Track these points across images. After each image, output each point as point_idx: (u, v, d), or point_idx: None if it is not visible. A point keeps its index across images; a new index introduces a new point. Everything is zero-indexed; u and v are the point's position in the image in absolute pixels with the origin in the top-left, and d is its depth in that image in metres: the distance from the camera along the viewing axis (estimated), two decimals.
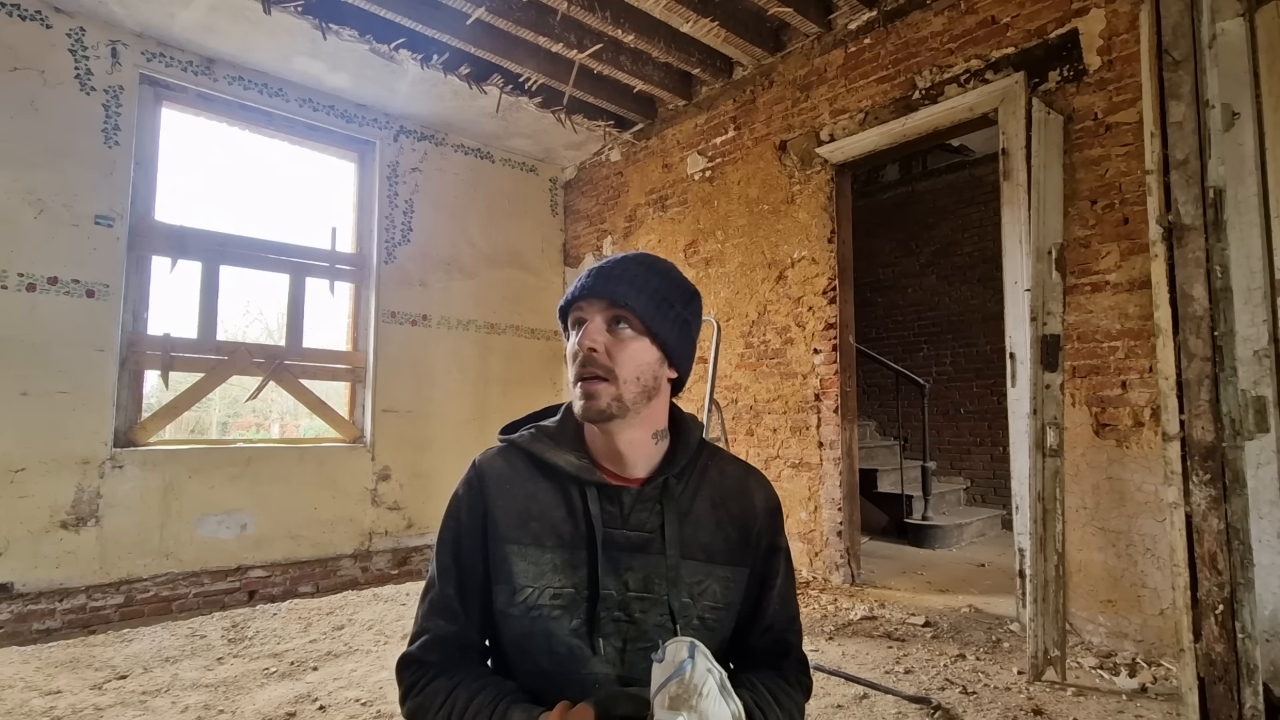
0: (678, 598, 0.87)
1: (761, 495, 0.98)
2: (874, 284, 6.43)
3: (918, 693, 2.24)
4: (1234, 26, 2.06)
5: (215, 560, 3.65)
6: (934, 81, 3.24)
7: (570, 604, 0.86)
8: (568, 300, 0.91)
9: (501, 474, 0.92)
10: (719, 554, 0.92)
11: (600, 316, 0.88)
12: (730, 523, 0.94)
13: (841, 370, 3.63)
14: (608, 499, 0.90)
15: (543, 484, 0.91)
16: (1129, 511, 2.58)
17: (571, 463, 0.90)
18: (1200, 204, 1.91)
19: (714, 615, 0.90)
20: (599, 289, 0.87)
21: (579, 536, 0.88)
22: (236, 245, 3.98)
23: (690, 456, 0.95)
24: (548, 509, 0.90)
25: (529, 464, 0.93)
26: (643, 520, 0.90)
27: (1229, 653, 1.76)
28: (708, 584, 0.90)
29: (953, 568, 4.04)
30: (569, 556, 0.87)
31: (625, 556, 0.88)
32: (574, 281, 0.92)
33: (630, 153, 4.98)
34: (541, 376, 5.26)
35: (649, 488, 0.91)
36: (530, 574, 0.86)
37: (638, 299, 0.87)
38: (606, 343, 0.86)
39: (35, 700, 2.28)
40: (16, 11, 3.29)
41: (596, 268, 0.91)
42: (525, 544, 0.88)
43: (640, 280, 0.89)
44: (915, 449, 5.48)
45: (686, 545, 0.90)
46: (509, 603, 0.86)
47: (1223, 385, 1.84)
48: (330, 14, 3.49)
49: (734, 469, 1.00)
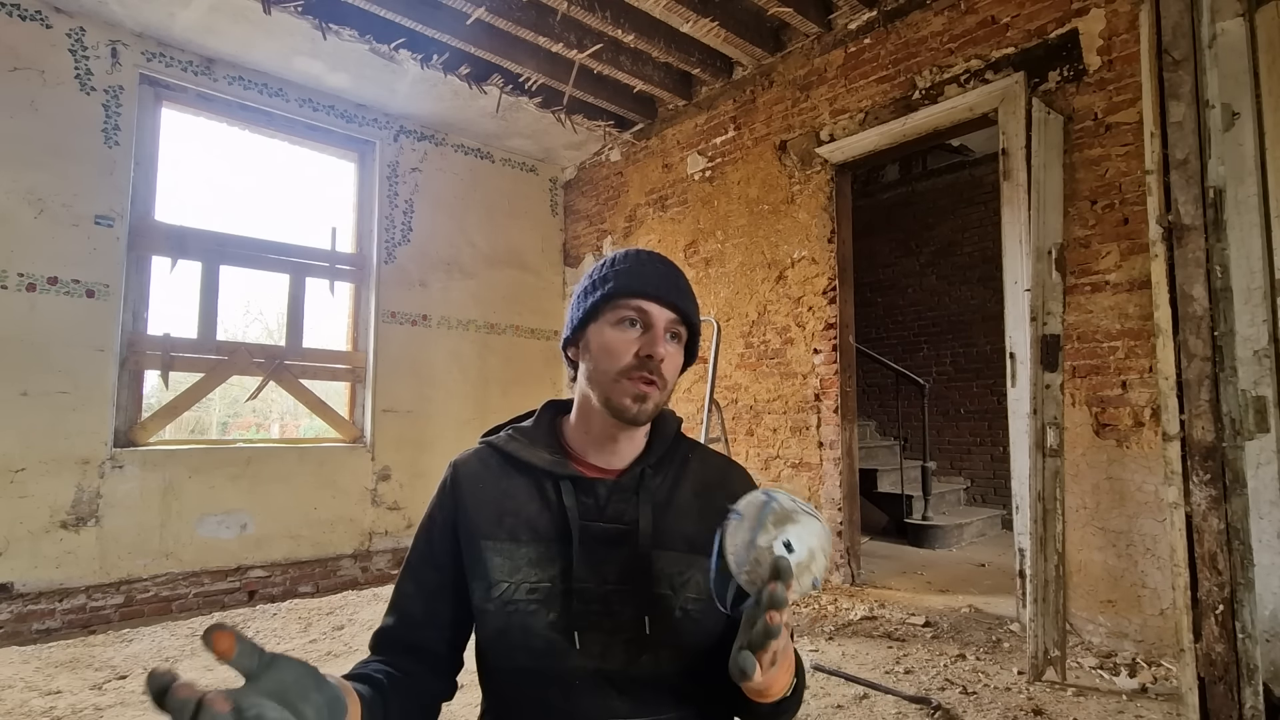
0: (649, 588, 0.85)
1: (743, 486, 0.96)
2: (874, 284, 6.43)
3: (918, 693, 2.24)
4: (1234, 26, 2.06)
5: (215, 560, 3.65)
6: (934, 81, 3.24)
7: (547, 598, 0.85)
8: (626, 288, 0.88)
9: (475, 472, 0.93)
10: (702, 544, 0.88)
11: (662, 324, 0.88)
12: (713, 513, 0.89)
13: (841, 370, 3.63)
14: (583, 491, 0.89)
15: (517, 479, 0.91)
16: (1129, 511, 2.58)
17: (544, 458, 0.90)
18: (1200, 204, 1.91)
19: (697, 606, 0.87)
20: (673, 297, 0.88)
21: (554, 530, 0.87)
22: (236, 245, 3.98)
23: (667, 446, 0.95)
24: (522, 504, 0.89)
25: (503, 462, 0.93)
26: (621, 512, 0.89)
27: (1229, 653, 1.76)
28: (690, 574, 0.88)
29: (953, 568, 4.04)
30: (545, 550, 0.86)
31: (603, 549, 0.87)
32: (621, 268, 0.90)
33: (630, 153, 4.98)
34: (542, 376, 5.26)
35: (626, 478, 0.90)
36: (505, 569, 0.86)
37: (695, 316, 0.91)
38: (667, 353, 0.88)
39: (35, 700, 2.28)
40: (16, 11, 3.29)
41: (651, 264, 0.90)
42: (500, 539, 0.87)
43: (692, 300, 0.92)
44: (915, 449, 5.48)
45: (667, 535, 0.89)
46: (485, 598, 0.85)
47: (1223, 385, 1.84)
48: (330, 14, 3.49)
49: (716, 460, 1.01)
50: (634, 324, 0.88)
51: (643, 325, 0.88)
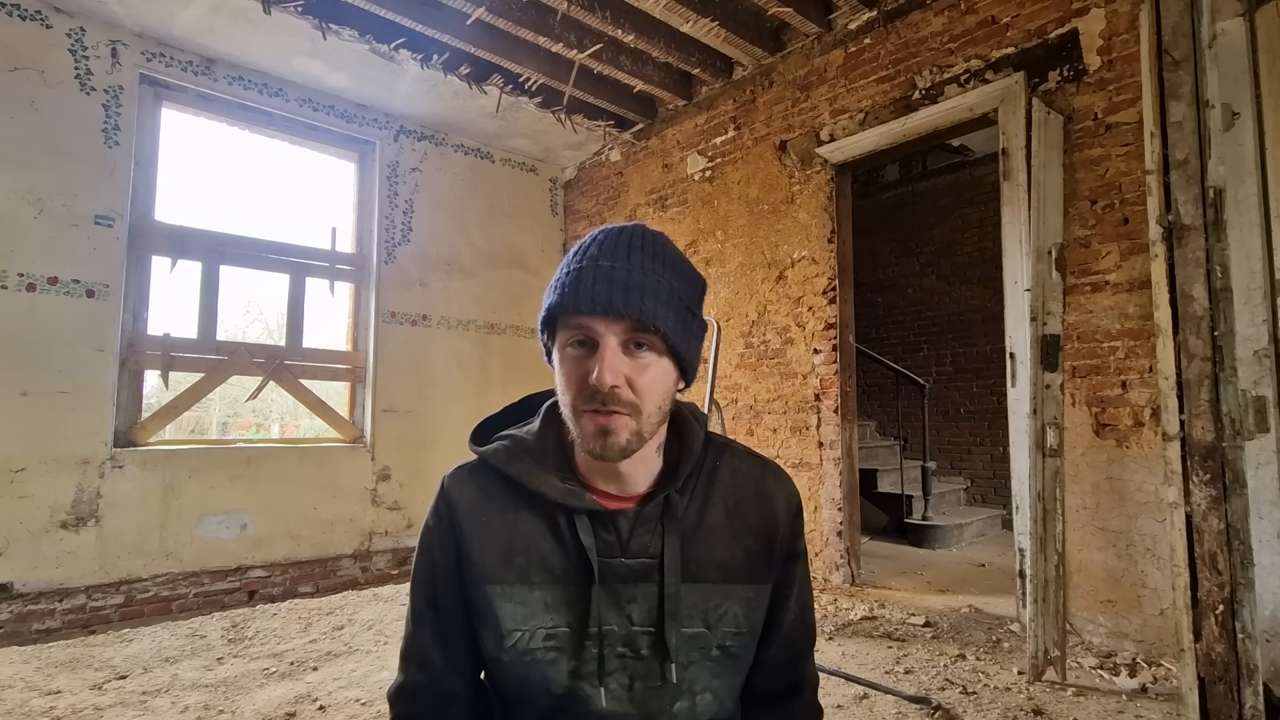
0: (675, 630, 0.76)
1: (783, 495, 0.86)
2: (874, 284, 6.43)
3: (918, 693, 2.24)
4: (1234, 26, 2.06)
5: (215, 560, 3.65)
6: (934, 81, 3.24)
7: (566, 644, 0.76)
8: (560, 306, 0.72)
9: (475, 502, 0.80)
10: (738, 571, 0.80)
11: (616, 339, 0.70)
12: (749, 533, 0.82)
13: (841, 370, 3.63)
14: (601, 526, 0.78)
15: (524, 512, 0.79)
16: (1129, 511, 2.58)
17: (556, 487, 0.77)
18: (1200, 204, 1.91)
19: (736, 641, 0.79)
20: (618, 304, 0.69)
21: (571, 570, 0.77)
22: (236, 245, 3.98)
23: (695, 464, 0.82)
24: (533, 541, 0.78)
25: (506, 489, 0.80)
26: (645, 545, 0.78)
27: (1229, 653, 1.76)
28: (727, 606, 0.79)
29: (953, 568, 4.04)
30: (561, 593, 0.77)
31: (626, 588, 0.77)
32: (563, 275, 0.73)
33: (630, 153, 4.98)
34: (542, 377, 5.25)
35: (649, 507, 0.79)
36: (519, 615, 0.76)
37: (666, 317, 0.71)
38: (627, 373, 0.70)
39: (35, 700, 2.28)
40: (16, 11, 3.29)
41: (595, 263, 0.72)
42: (510, 583, 0.77)
43: (664, 288, 0.72)
44: (915, 449, 5.48)
45: (698, 566, 0.79)
46: (498, 649, 0.76)
47: (1223, 385, 1.84)
48: (330, 14, 3.49)
49: (747, 466, 0.86)
50: (583, 344, 0.72)
51: (591, 344, 0.72)
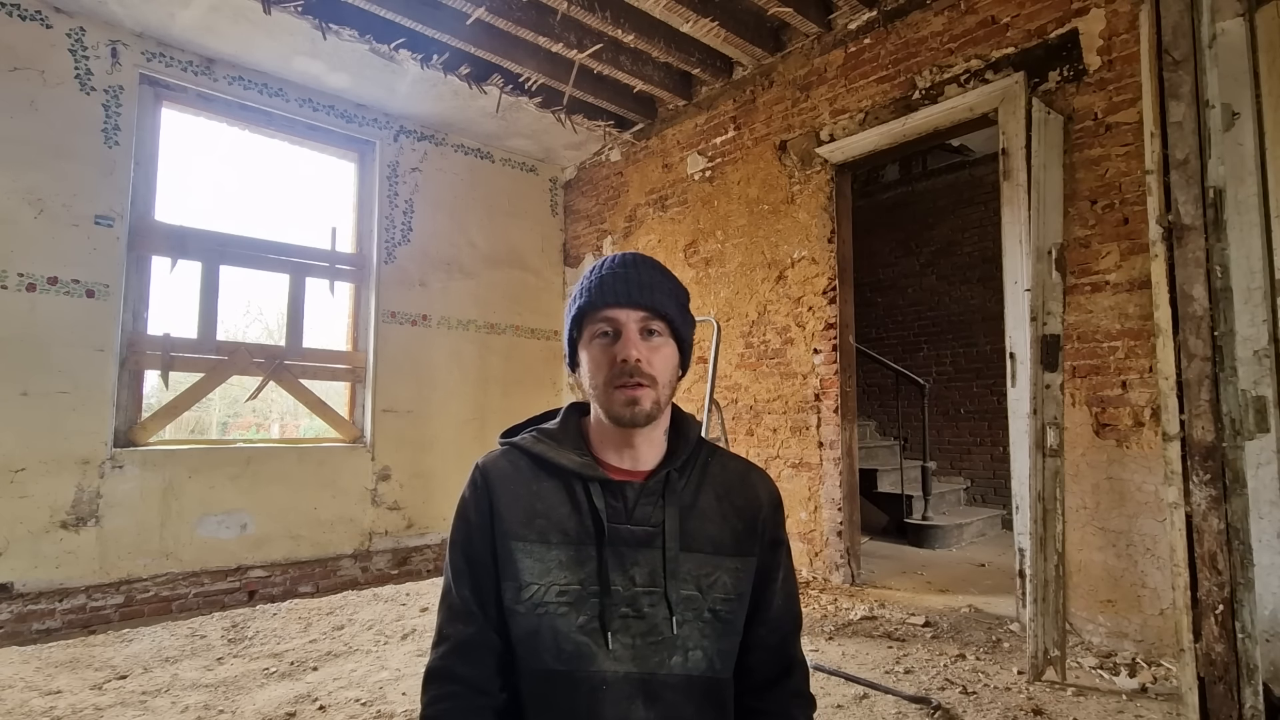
0: (676, 590, 0.88)
1: (764, 488, 1.00)
2: (874, 284, 6.43)
3: (918, 693, 2.24)
4: (1234, 26, 2.06)
5: (215, 560, 3.65)
6: (934, 81, 3.24)
7: (577, 600, 0.87)
8: (590, 304, 0.91)
9: (505, 473, 0.94)
10: (727, 545, 0.93)
11: (635, 325, 0.90)
12: (735, 515, 0.96)
13: (841, 370, 3.63)
14: (611, 494, 0.91)
15: (547, 482, 0.93)
16: (1129, 511, 2.58)
17: (574, 460, 0.92)
18: (1200, 204, 1.91)
19: (726, 606, 0.91)
20: (636, 297, 0.89)
21: (585, 533, 0.89)
22: (236, 245, 3.98)
23: (691, 450, 0.97)
24: (553, 506, 0.91)
25: (532, 464, 0.95)
26: (647, 515, 0.91)
27: (1229, 653, 1.76)
28: (717, 575, 0.91)
29: (953, 568, 4.04)
30: (575, 553, 0.89)
31: (631, 551, 0.89)
32: (587, 284, 0.93)
33: (630, 153, 4.98)
34: (542, 377, 5.26)
35: (652, 482, 0.92)
36: (536, 570, 0.88)
37: (671, 306, 0.92)
38: (644, 353, 0.89)
39: (35, 700, 2.28)
40: (16, 11, 3.29)
41: (612, 272, 0.92)
42: (531, 540, 0.89)
43: (666, 287, 0.93)
44: (915, 449, 5.48)
45: (692, 538, 0.92)
46: (515, 599, 0.87)
47: (1223, 385, 1.84)
48: (330, 14, 3.49)
49: (735, 464, 1.02)
50: (607, 334, 0.91)
51: (614, 333, 0.90)
